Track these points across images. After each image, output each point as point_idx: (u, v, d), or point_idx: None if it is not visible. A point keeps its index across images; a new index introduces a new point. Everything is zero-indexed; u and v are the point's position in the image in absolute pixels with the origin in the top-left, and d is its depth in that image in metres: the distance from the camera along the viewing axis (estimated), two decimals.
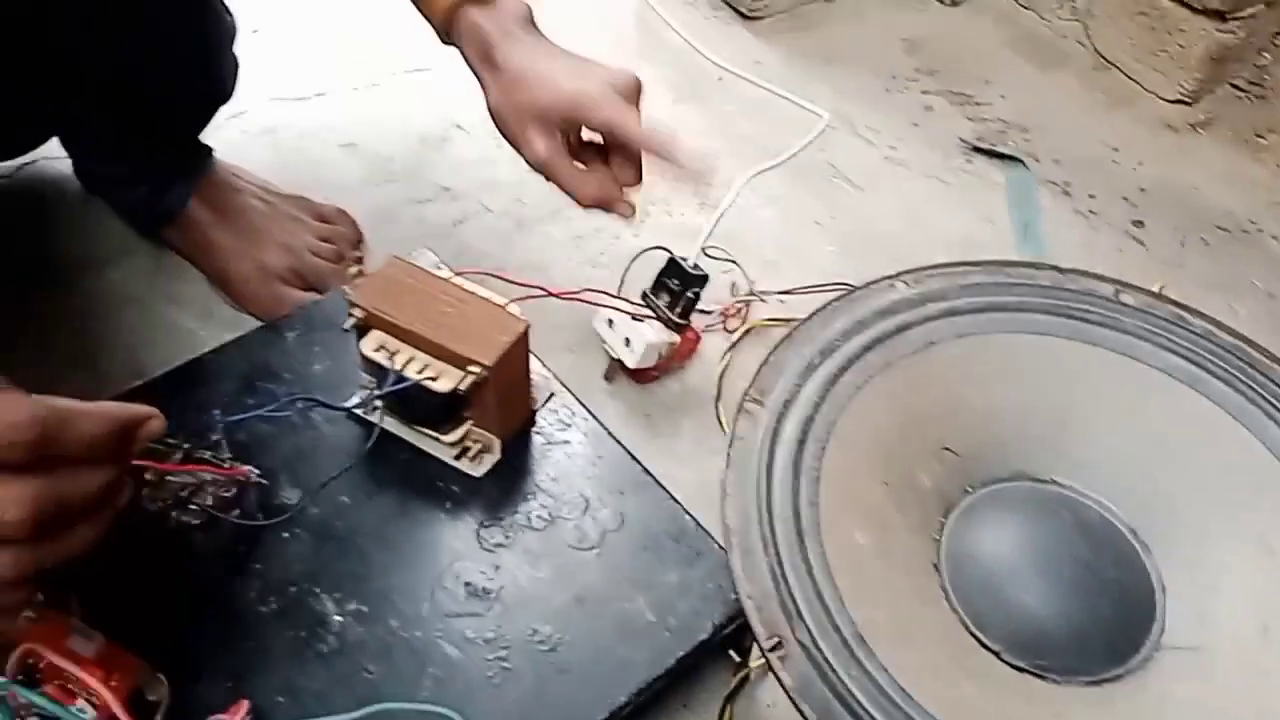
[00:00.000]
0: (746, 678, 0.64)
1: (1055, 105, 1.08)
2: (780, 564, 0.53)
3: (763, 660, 0.63)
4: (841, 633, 0.51)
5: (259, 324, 0.78)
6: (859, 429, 0.59)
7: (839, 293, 0.65)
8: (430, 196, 0.93)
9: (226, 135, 0.96)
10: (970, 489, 0.62)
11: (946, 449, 0.62)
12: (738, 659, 0.64)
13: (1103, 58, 1.13)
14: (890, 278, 0.66)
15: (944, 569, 0.59)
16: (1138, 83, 1.10)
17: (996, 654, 0.56)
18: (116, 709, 0.45)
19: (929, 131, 1.04)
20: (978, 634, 0.57)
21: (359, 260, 0.86)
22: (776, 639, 0.50)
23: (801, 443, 0.58)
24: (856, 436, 0.59)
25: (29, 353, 0.78)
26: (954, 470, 0.62)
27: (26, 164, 0.92)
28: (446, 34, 0.72)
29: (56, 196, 0.90)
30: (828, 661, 0.50)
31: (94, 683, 0.46)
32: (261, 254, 0.81)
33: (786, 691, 0.49)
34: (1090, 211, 0.98)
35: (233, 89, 0.84)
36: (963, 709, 0.51)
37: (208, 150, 0.86)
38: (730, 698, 0.63)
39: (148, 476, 0.54)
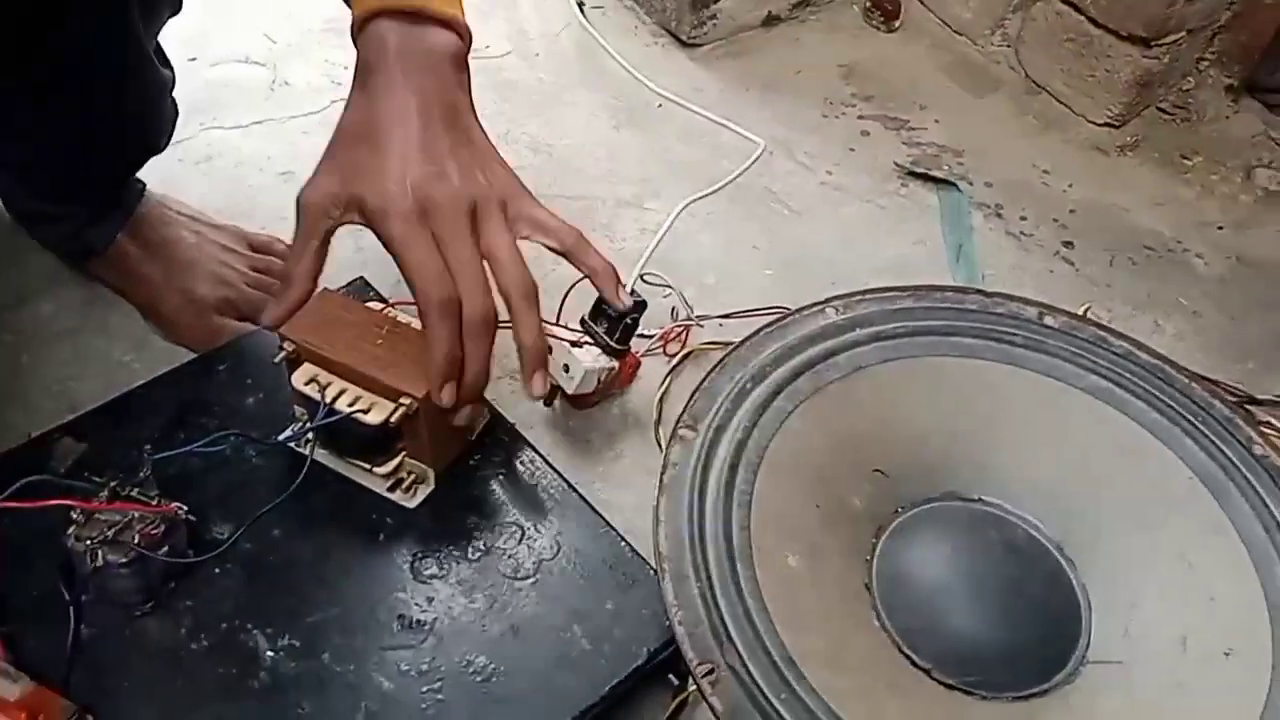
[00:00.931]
0: (685, 701, 0.64)
1: (988, 129, 1.10)
2: (712, 589, 0.53)
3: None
4: (772, 656, 0.51)
5: (192, 356, 0.78)
6: (790, 453, 0.60)
7: (772, 318, 0.66)
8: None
9: (163, 164, 0.95)
10: (901, 510, 0.63)
11: (877, 470, 0.63)
12: (676, 683, 0.65)
13: (1034, 82, 1.15)
14: (821, 303, 0.67)
15: (875, 590, 0.60)
16: (1068, 106, 1.13)
17: (927, 672, 0.57)
18: None
19: (865, 156, 1.06)
20: (909, 653, 0.58)
21: None
22: (709, 665, 0.51)
23: (734, 468, 0.58)
24: (788, 461, 0.60)
25: None
26: (885, 491, 0.63)
27: None
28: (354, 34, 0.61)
29: None
30: (758, 686, 0.50)
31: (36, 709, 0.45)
32: (194, 286, 0.80)
33: (717, 718, 0.49)
34: (1022, 233, 1.00)
35: (169, 139, 0.84)
36: None
37: (139, 185, 0.85)
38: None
39: (74, 515, 0.54)
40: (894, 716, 0.53)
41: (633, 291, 0.76)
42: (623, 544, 0.61)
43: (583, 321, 0.77)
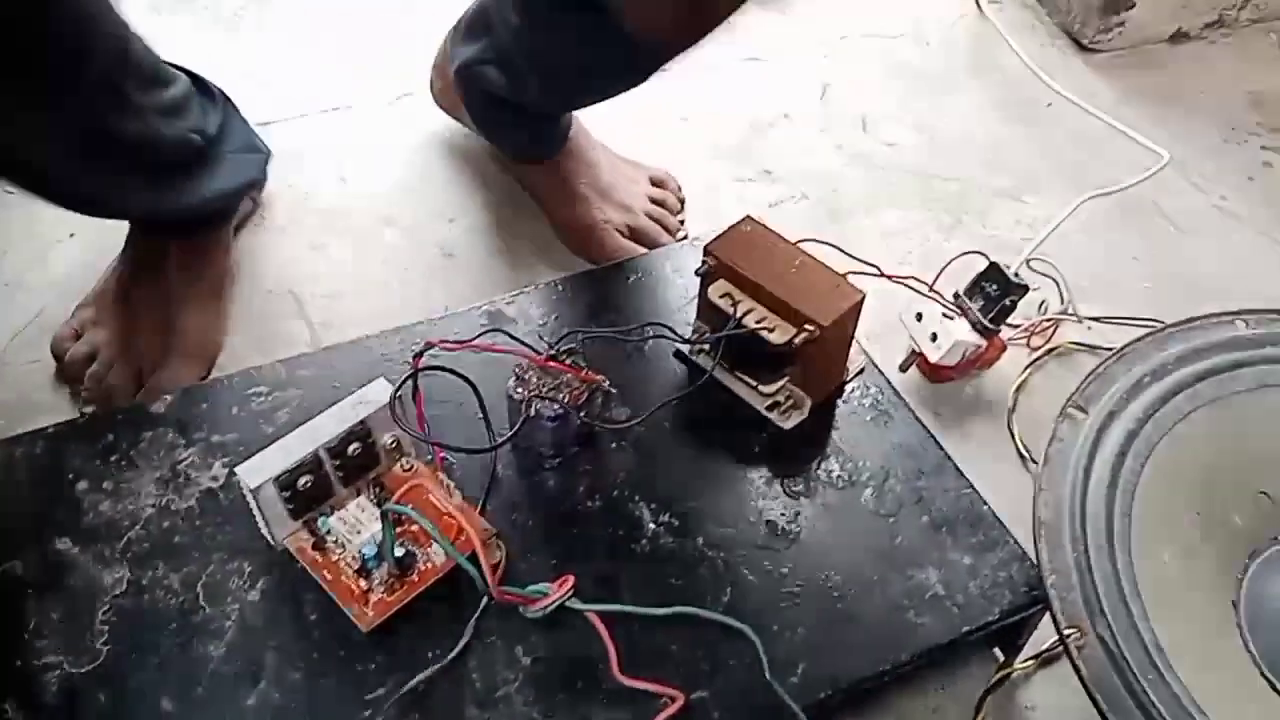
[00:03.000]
0: (1008, 677, 0.65)
1: None
2: (1088, 562, 0.54)
3: (1029, 662, 0.64)
4: (1142, 638, 0.52)
5: (589, 266, 0.86)
6: (1179, 454, 0.60)
7: (1178, 321, 0.65)
8: (753, 177, 0.99)
9: None
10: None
11: (1263, 493, 0.61)
12: (1002, 658, 0.66)
13: None
14: (1231, 314, 0.66)
15: (1243, 608, 0.58)
16: None
17: None
18: (478, 544, 0.52)
19: (1266, 188, 1.00)
20: (1271, 678, 0.56)
21: (681, 223, 0.93)
22: (1077, 630, 0.52)
23: (1122, 455, 0.59)
24: (1176, 461, 0.59)
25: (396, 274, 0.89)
26: (1267, 516, 0.61)
27: (404, 95, 1.04)
28: None
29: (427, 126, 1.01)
30: (1127, 660, 0.51)
31: (464, 523, 0.53)
32: (606, 208, 0.89)
33: (1083, 680, 0.50)
34: None
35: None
36: None
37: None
38: (989, 691, 0.64)
39: (517, 369, 0.62)
40: None
41: (1016, 274, 0.77)
42: (985, 507, 0.63)
43: (956, 296, 0.79)
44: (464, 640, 0.55)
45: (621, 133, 0.99)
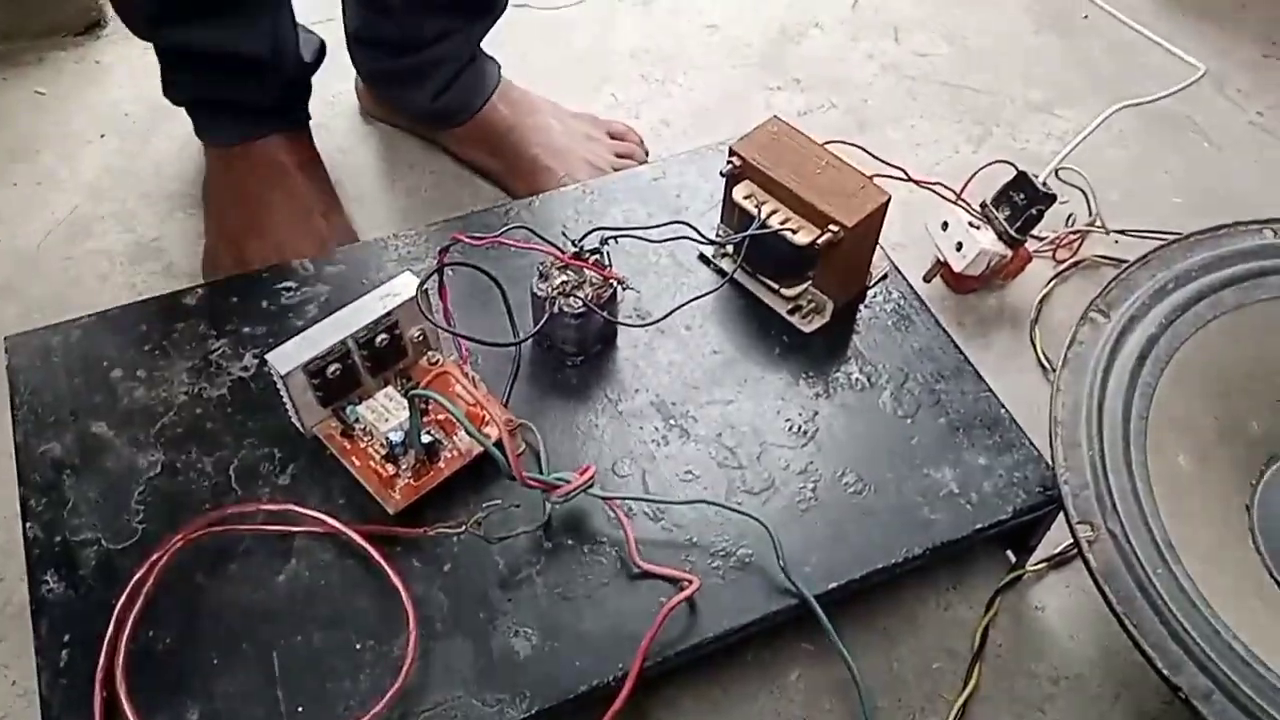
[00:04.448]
0: (1019, 578, 0.66)
1: None
2: (1103, 461, 0.55)
3: (1041, 564, 0.65)
4: (1153, 535, 0.52)
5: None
6: (1200, 360, 0.60)
7: (1204, 229, 0.65)
8: (781, 85, 0.98)
9: (601, 4, 1.04)
10: None
11: None
12: (1014, 559, 0.67)
13: None
14: (1260, 223, 0.65)
15: (1255, 513, 0.59)
16: None
17: None
18: (504, 432, 0.53)
19: None
20: None
21: None
22: (1089, 526, 0.53)
23: (1142, 359, 0.59)
24: (1196, 366, 0.60)
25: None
26: None
27: None
28: None
29: None
30: (1136, 555, 0.51)
31: (495, 410, 0.54)
32: (574, 171, 0.85)
33: (1092, 573, 0.51)
34: None
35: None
36: (1260, 630, 0.51)
37: (496, 64, 0.88)
38: (1000, 591, 0.65)
39: (540, 267, 0.62)
40: (1263, 623, 0.52)
41: (1044, 184, 0.76)
42: (1003, 410, 0.63)
43: (983, 205, 0.78)
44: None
45: (647, 40, 0.98)
